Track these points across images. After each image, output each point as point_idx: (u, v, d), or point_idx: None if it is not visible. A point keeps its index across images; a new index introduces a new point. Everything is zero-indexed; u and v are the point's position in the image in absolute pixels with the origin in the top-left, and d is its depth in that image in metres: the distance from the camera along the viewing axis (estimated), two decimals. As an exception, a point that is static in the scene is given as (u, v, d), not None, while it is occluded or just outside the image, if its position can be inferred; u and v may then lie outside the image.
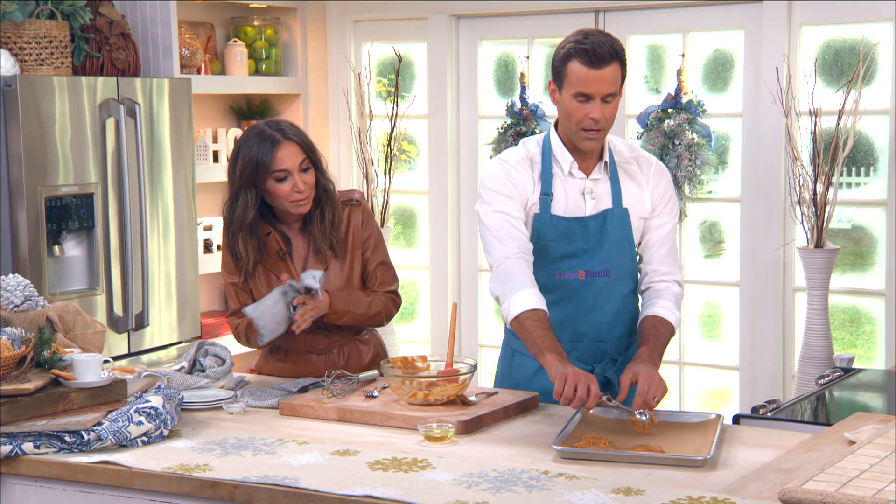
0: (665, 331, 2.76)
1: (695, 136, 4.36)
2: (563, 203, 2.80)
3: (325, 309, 2.93)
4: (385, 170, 5.00)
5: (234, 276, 3.03)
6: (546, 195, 2.79)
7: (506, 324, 2.81)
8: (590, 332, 2.84)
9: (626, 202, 2.81)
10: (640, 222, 2.84)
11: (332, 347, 3.05)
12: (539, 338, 2.61)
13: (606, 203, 2.81)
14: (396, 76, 4.94)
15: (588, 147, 2.76)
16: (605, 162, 2.81)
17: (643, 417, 2.49)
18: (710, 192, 4.55)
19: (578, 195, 2.80)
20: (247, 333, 3.01)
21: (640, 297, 2.89)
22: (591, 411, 2.58)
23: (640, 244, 2.87)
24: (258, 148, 2.88)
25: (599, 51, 2.65)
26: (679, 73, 4.43)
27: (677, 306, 2.83)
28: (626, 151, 2.86)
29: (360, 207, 3.06)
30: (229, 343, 4.66)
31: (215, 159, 4.82)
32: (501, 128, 4.74)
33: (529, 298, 2.66)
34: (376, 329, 3.16)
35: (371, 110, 5.01)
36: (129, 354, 4.11)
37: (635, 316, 2.90)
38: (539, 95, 4.87)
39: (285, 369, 3.07)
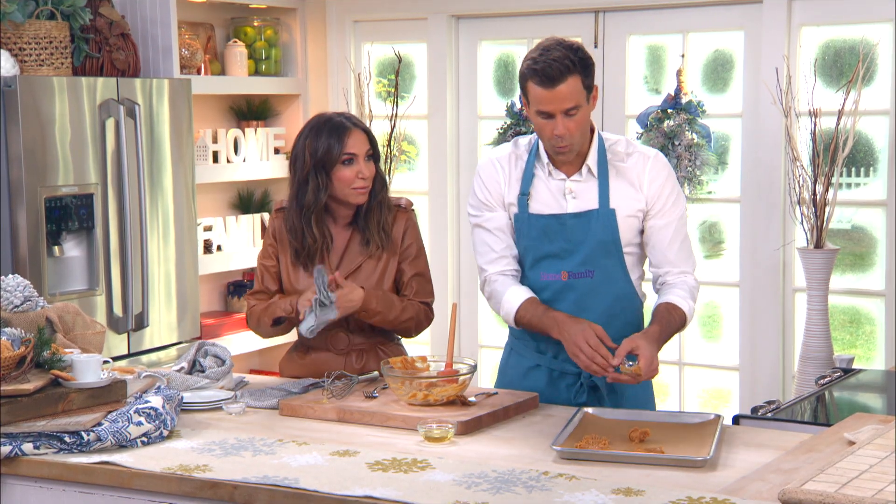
0: (676, 317, 2.78)
1: (694, 136, 4.36)
2: (542, 202, 2.82)
3: (358, 303, 2.91)
4: (385, 170, 5.00)
5: (269, 260, 3.06)
6: (524, 195, 2.82)
7: (512, 327, 2.90)
8: None
9: (614, 202, 2.79)
10: (630, 222, 2.81)
11: (352, 350, 3.04)
12: (539, 319, 2.74)
13: (591, 203, 2.80)
14: (396, 76, 4.94)
15: (561, 160, 2.81)
16: (588, 165, 2.80)
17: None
18: (709, 192, 4.55)
19: (559, 195, 2.82)
20: (260, 317, 3.02)
21: (655, 293, 2.90)
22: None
23: (644, 244, 2.85)
24: (330, 132, 2.95)
25: (550, 70, 2.66)
26: (679, 73, 4.43)
27: (692, 297, 2.82)
28: (621, 148, 2.83)
29: (406, 214, 3.07)
30: (229, 343, 4.68)
31: (215, 160, 4.82)
32: (501, 128, 4.74)
33: (517, 295, 2.81)
34: (402, 342, 3.15)
35: (371, 111, 5.01)
36: (129, 355, 4.11)
37: (632, 320, 2.87)
38: (539, 96, 4.87)
39: (305, 367, 3.07)
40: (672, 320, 2.77)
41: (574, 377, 2.86)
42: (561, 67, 2.66)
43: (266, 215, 5.04)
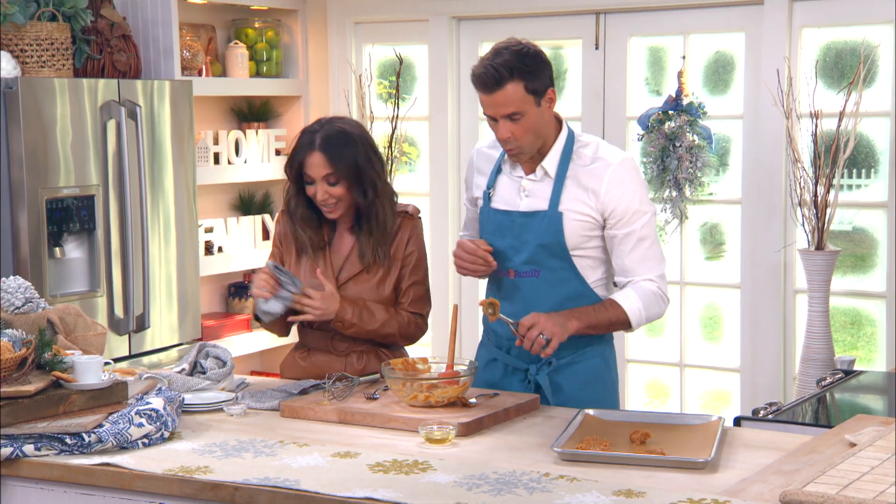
0: (611, 310, 2.78)
1: (695, 137, 4.36)
2: (501, 198, 2.89)
3: (332, 313, 2.93)
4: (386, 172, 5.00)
5: (273, 261, 3.08)
6: (488, 189, 2.90)
7: (485, 321, 3.01)
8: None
9: (564, 205, 2.80)
10: (579, 226, 2.80)
11: (353, 351, 3.04)
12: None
13: (542, 204, 2.82)
14: (397, 78, 4.94)
15: (513, 160, 2.86)
16: (543, 166, 2.82)
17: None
18: (710, 194, 4.55)
19: (515, 192, 2.87)
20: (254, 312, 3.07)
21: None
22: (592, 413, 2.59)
23: (605, 251, 2.85)
24: (300, 145, 2.95)
25: (487, 77, 2.71)
26: (680, 74, 4.43)
27: (642, 298, 2.80)
28: (589, 152, 2.84)
29: (412, 222, 3.05)
30: (230, 345, 4.68)
31: (216, 161, 4.82)
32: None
33: None
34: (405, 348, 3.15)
35: (372, 112, 5.01)
36: (130, 356, 4.11)
37: None
38: (540, 97, 4.87)
39: (306, 368, 3.07)
40: (600, 310, 2.78)
41: (523, 373, 2.91)
42: (498, 74, 2.69)
43: (267, 217, 5.05)
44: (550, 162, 2.82)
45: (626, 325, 2.82)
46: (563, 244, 2.80)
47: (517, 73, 2.69)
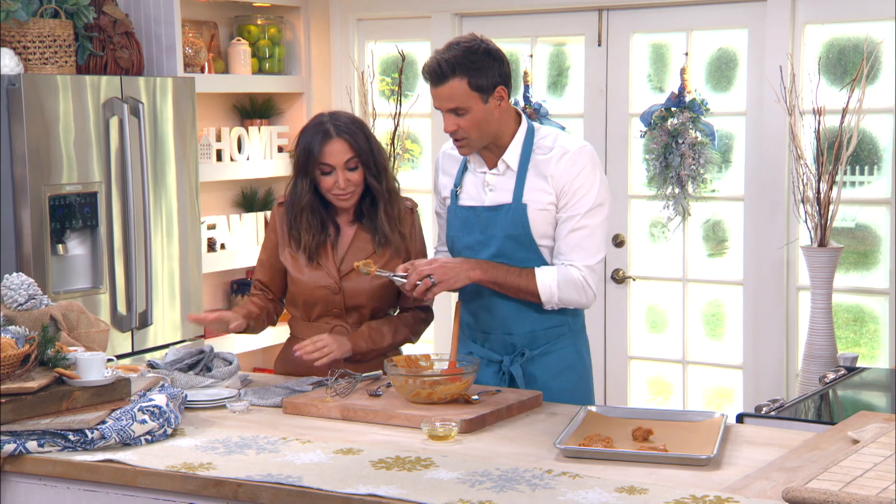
0: (524, 277, 2.79)
1: (698, 134, 4.36)
2: (467, 194, 2.92)
3: (347, 350, 2.96)
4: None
5: (265, 252, 3.10)
6: (455, 187, 2.94)
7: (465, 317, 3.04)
8: (496, 326, 2.91)
9: (527, 196, 2.83)
10: (543, 215, 2.83)
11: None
12: None
13: (506, 197, 2.85)
14: (399, 75, 4.94)
15: (461, 153, 2.89)
16: (504, 160, 2.85)
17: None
18: (713, 190, 4.54)
19: (480, 188, 2.90)
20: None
21: None
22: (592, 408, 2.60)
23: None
24: (312, 138, 2.95)
25: (431, 70, 2.76)
26: (682, 71, 4.42)
27: (560, 279, 2.79)
28: (547, 143, 2.87)
29: (412, 216, 3.09)
30: (233, 342, 4.68)
31: (219, 158, 4.82)
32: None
33: None
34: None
35: (374, 109, 5.01)
36: (133, 353, 4.12)
37: (550, 312, 2.89)
38: (542, 94, 4.87)
39: (301, 364, 3.07)
40: (512, 275, 2.81)
41: (497, 365, 2.94)
42: (441, 70, 2.74)
43: (269, 214, 5.05)
44: (511, 155, 2.86)
45: (536, 297, 2.83)
46: (530, 235, 2.84)
47: (460, 70, 2.73)
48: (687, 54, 4.53)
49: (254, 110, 5.11)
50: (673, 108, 4.38)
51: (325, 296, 3.01)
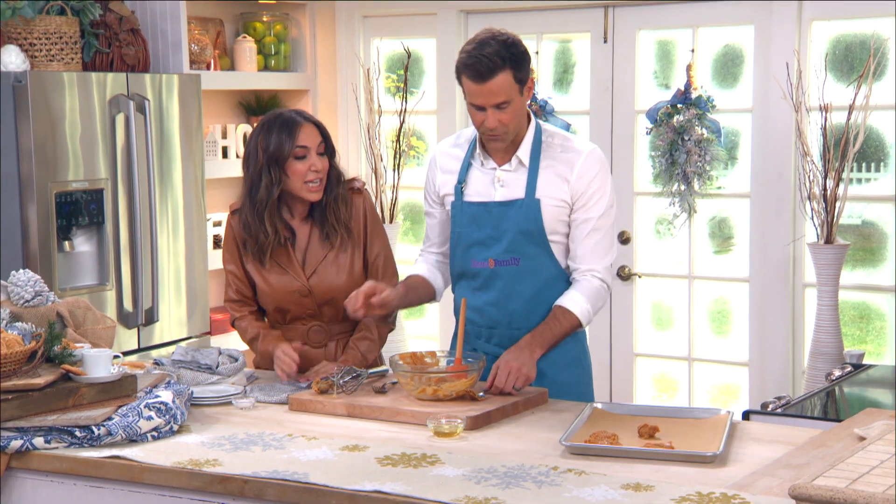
0: (564, 321, 2.84)
1: (704, 131, 4.35)
2: (474, 190, 2.92)
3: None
4: (394, 165, 5.00)
5: (233, 265, 3.09)
6: (460, 184, 2.93)
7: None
8: (504, 321, 2.92)
9: (541, 192, 2.85)
10: (556, 211, 2.86)
11: (330, 341, 3.07)
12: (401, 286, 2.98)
13: (518, 193, 2.87)
14: (405, 72, 4.94)
15: (493, 147, 2.89)
16: (518, 156, 2.87)
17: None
18: (719, 187, 4.54)
19: (489, 184, 2.90)
20: (248, 341, 3.10)
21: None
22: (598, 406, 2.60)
23: (568, 236, 2.91)
24: (280, 127, 2.96)
25: (480, 66, 2.74)
26: (688, 68, 4.42)
27: (589, 299, 2.87)
28: (557, 142, 2.90)
29: (363, 195, 3.10)
30: (238, 341, 4.68)
31: (224, 155, 4.83)
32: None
33: (412, 270, 3.04)
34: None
35: (380, 106, 5.01)
36: (139, 350, 4.12)
37: None
38: (548, 91, 4.86)
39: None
40: (555, 324, 2.85)
41: None
42: (492, 63, 2.74)
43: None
44: (524, 151, 2.88)
45: (580, 327, 2.91)
46: (542, 230, 2.86)
47: (507, 63, 2.75)
48: (693, 51, 4.52)
49: (259, 107, 5.11)
50: (679, 105, 4.37)
51: (295, 299, 3.02)
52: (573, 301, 2.86)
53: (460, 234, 2.94)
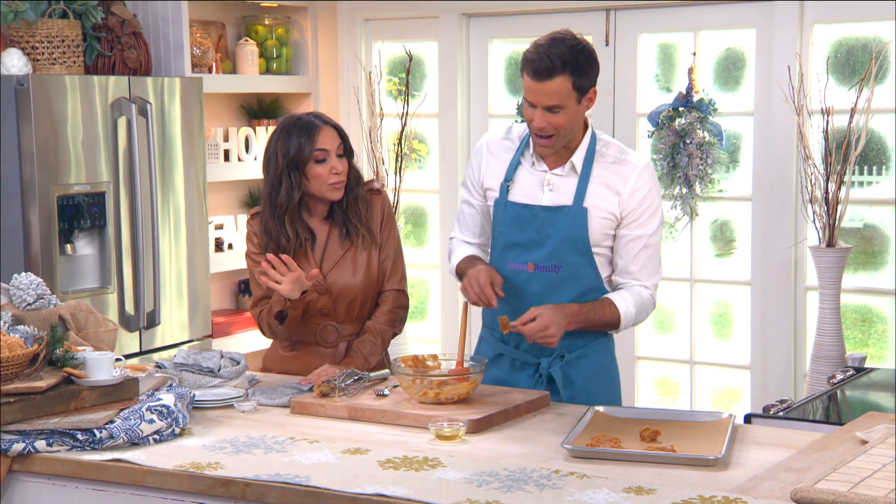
0: (607, 310, 2.82)
1: (706, 134, 4.35)
2: (521, 191, 2.88)
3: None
4: (395, 168, 5.00)
5: (259, 267, 3.06)
6: (506, 181, 2.88)
7: (485, 317, 3.03)
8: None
9: (589, 202, 2.81)
10: (603, 223, 2.82)
11: (340, 341, 3.08)
12: (464, 267, 2.91)
13: (566, 199, 2.83)
14: (407, 75, 4.94)
15: (539, 151, 2.84)
16: (573, 162, 2.83)
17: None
18: (721, 190, 4.54)
19: (538, 186, 2.86)
20: (268, 321, 3.05)
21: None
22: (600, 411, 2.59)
23: (612, 249, 2.86)
24: (300, 131, 2.98)
25: (540, 64, 2.69)
26: (690, 71, 4.42)
27: (636, 304, 2.84)
28: (611, 152, 2.86)
29: (381, 196, 3.11)
30: (240, 341, 4.69)
31: (226, 158, 4.83)
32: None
33: (463, 251, 2.99)
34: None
35: (381, 109, 5.01)
36: (141, 353, 4.13)
37: None
38: (550, 94, 4.86)
39: (292, 359, 3.08)
40: (600, 311, 2.81)
41: (534, 367, 2.91)
42: (552, 65, 2.69)
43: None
44: (578, 157, 2.83)
45: (615, 327, 2.86)
46: (587, 240, 2.81)
47: (569, 68, 2.69)
48: (695, 54, 4.53)
49: (261, 110, 5.11)
50: (681, 108, 4.38)
51: (312, 297, 3.02)
52: (622, 299, 2.82)
53: (500, 233, 2.90)
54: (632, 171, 2.83)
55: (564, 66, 2.68)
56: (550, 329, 2.69)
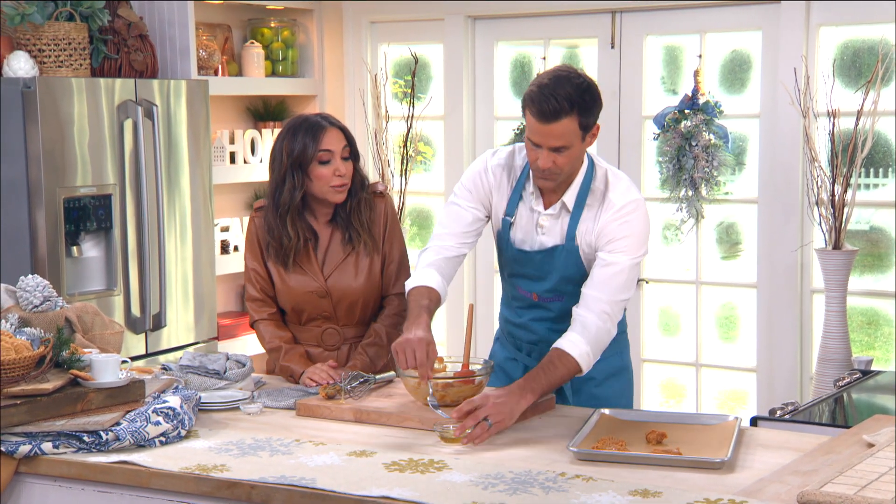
0: (561, 367, 2.64)
1: (712, 137, 4.35)
2: (519, 232, 2.85)
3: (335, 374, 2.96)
4: (401, 171, 5.01)
5: (257, 263, 3.08)
6: (508, 217, 2.84)
7: (501, 319, 3.00)
8: (541, 340, 2.87)
9: (580, 237, 2.77)
10: (592, 255, 2.78)
11: (343, 344, 3.08)
12: (410, 311, 2.72)
13: (558, 239, 2.80)
14: (413, 77, 4.95)
15: (541, 185, 2.79)
16: (563, 201, 2.78)
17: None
18: (727, 193, 4.53)
19: (533, 228, 2.83)
20: (266, 347, 3.10)
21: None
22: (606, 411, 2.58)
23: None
24: (305, 131, 2.97)
25: (546, 106, 2.60)
26: (696, 73, 4.42)
27: (589, 341, 2.66)
28: (600, 187, 2.78)
29: (385, 199, 3.10)
30: (245, 343, 4.69)
31: (232, 160, 4.84)
32: (517, 129, 4.74)
33: (421, 276, 2.82)
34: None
35: (387, 111, 5.01)
36: (147, 355, 4.13)
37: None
38: (555, 96, 4.86)
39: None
40: (552, 369, 2.63)
41: None
42: (559, 107, 2.61)
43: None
44: (570, 196, 2.79)
45: (578, 372, 2.70)
46: (584, 272, 2.79)
47: (575, 108, 2.62)
48: (700, 56, 4.52)
49: (267, 113, 5.12)
50: (686, 111, 4.37)
51: (312, 300, 3.03)
52: (572, 343, 2.66)
53: (506, 262, 2.91)
54: (610, 207, 2.73)
55: (571, 106, 2.61)
56: (479, 411, 2.49)
